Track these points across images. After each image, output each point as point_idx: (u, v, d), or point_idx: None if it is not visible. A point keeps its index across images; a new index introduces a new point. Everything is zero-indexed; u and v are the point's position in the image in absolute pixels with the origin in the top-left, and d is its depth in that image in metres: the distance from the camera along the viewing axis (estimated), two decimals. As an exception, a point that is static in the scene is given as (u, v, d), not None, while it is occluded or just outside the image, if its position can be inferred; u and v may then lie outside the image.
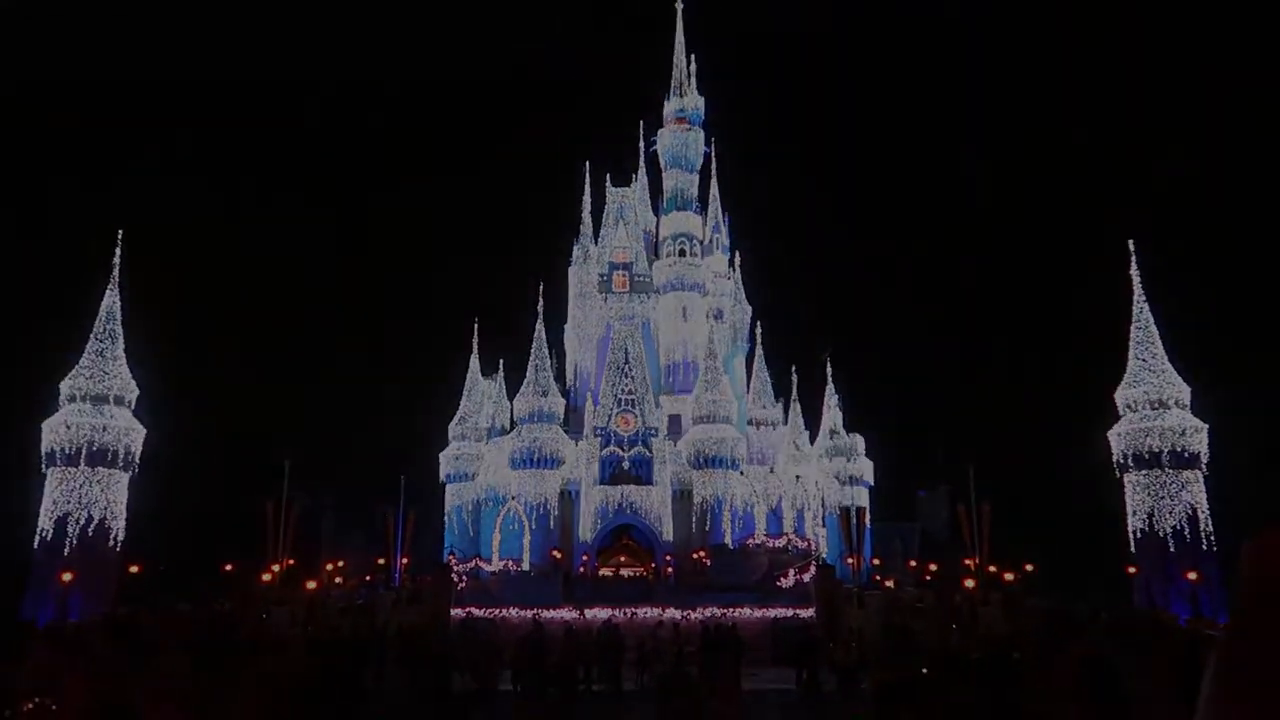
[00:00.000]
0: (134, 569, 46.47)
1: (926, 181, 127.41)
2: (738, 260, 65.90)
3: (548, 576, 46.57)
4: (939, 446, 72.81)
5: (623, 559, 52.01)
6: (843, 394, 61.05)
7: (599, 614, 35.79)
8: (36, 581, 41.79)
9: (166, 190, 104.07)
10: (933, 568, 55.58)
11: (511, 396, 56.62)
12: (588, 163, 66.11)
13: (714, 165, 66.41)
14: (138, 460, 45.21)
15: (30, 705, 6.75)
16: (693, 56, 64.65)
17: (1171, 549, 45.68)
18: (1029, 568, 49.81)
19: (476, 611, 38.24)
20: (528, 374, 54.57)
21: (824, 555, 50.00)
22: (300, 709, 10.37)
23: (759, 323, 62.23)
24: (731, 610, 37.41)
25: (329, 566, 54.86)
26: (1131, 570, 47.94)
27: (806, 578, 43.15)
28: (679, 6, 65.76)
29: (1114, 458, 48.64)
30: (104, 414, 44.31)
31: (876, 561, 56.38)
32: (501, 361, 60.28)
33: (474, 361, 59.54)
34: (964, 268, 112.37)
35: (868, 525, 53.83)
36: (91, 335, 45.65)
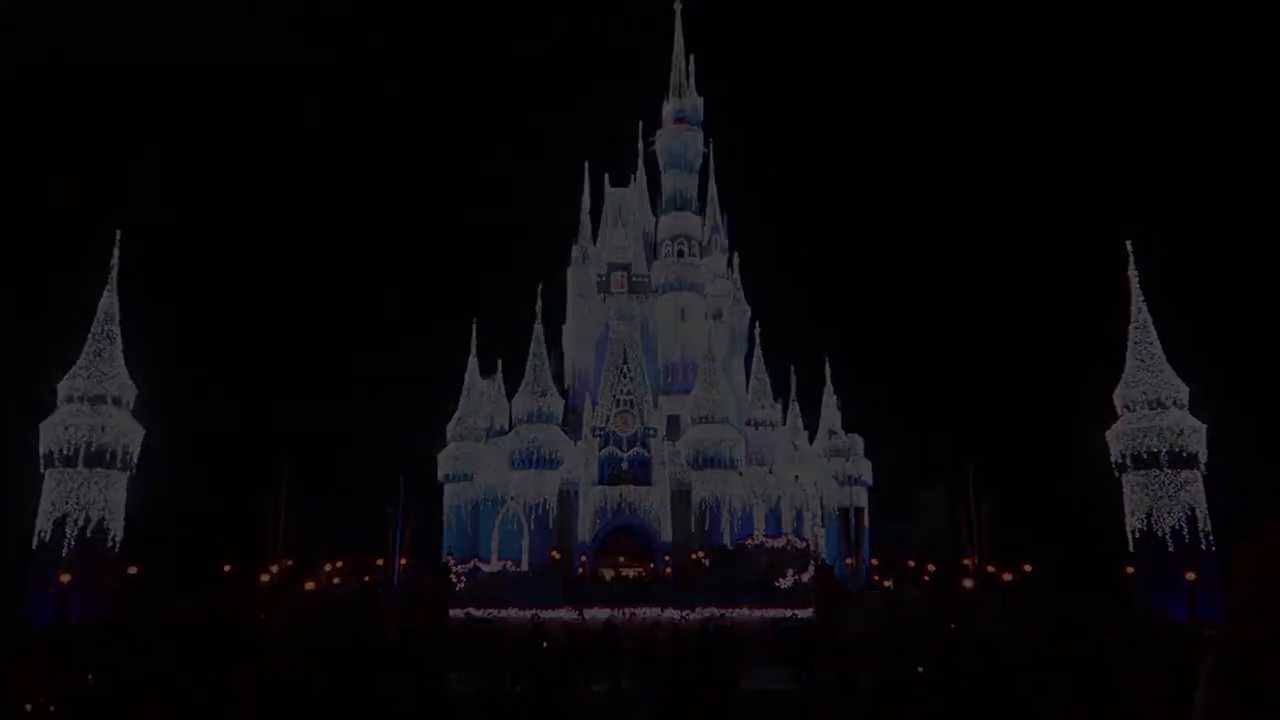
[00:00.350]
0: (133, 569, 46.39)
1: (926, 181, 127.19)
2: (736, 261, 65.91)
3: (547, 577, 46.62)
4: (939, 446, 72.74)
5: (621, 559, 52.00)
6: (842, 394, 61.15)
7: (598, 614, 35.85)
8: (36, 582, 41.80)
9: (166, 190, 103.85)
10: (931, 568, 55.55)
11: (510, 397, 56.62)
12: (587, 163, 66.27)
13: (713, 165, 66.47)
14: (136, 460, 45.21)
15: (30, 705, 6.76)
16: (692, 56, 64.74)
17: (1170, 549, 45.74)
18: (1028, 568, 49.80)
19: (475, 612, 38.27)
20: (526, 374, 54.61)
21: (823, 555, 50.02)
22: (300, 709, 10.38)
23: (757, 323, 62.25)
24: (730, 610, 37.46)
25: (328, 566, 54.78)
26: (1130, 570, 47.97)
27: (805, 578, 43.18)
28: (679, 6, 65.87)
29: (1112, 458, 48.70)
30: (102, 414, 44.31)
31: (875, 561, 56.34)
32: (500, 362, 60.35)
33: (473, 362, 59.54)
34: (964, 268, 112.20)
35: (867, 525, 53.86)
36: (89, 336, 45.66)
